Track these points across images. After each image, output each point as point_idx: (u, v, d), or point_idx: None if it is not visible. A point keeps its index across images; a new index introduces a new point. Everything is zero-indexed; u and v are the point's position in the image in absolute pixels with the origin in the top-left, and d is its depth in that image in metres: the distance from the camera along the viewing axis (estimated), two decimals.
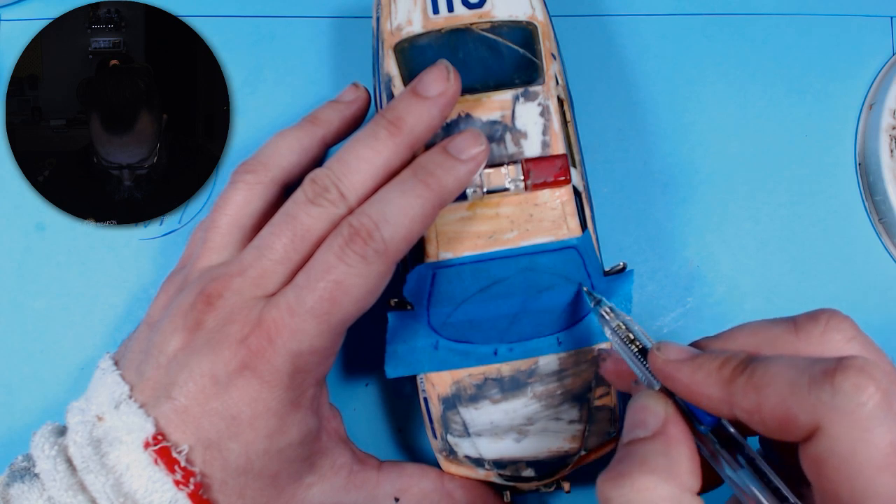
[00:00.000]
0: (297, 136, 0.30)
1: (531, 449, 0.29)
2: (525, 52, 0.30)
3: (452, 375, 0.29)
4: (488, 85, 0.29)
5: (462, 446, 0.29)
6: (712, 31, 0.38)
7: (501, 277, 0.29)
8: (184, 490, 0.24)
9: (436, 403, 0.29)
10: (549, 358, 0.29)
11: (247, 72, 0.37)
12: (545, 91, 0.29)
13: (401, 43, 0.30)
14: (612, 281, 0.29)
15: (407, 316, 0.29)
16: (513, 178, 0.28)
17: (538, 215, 0.29)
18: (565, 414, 0.29)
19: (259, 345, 0.25)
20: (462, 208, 0.29)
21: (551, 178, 0.28)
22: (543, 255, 0.28)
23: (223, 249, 0.28)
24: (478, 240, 0.29)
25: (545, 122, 0.29)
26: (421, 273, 0.29)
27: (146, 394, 0.26)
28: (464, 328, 0.29)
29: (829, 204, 0.36)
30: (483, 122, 0.29)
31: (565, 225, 0.29)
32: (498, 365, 0.29)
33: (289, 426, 0.26)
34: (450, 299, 0.29)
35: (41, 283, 0.35)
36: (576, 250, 0.29)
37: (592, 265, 0.29)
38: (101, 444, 0.25)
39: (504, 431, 0.29)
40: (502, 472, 0.29)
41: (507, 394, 0.29)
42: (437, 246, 0.29)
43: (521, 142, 0.29)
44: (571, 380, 0.29)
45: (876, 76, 0.37)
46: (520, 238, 0.29)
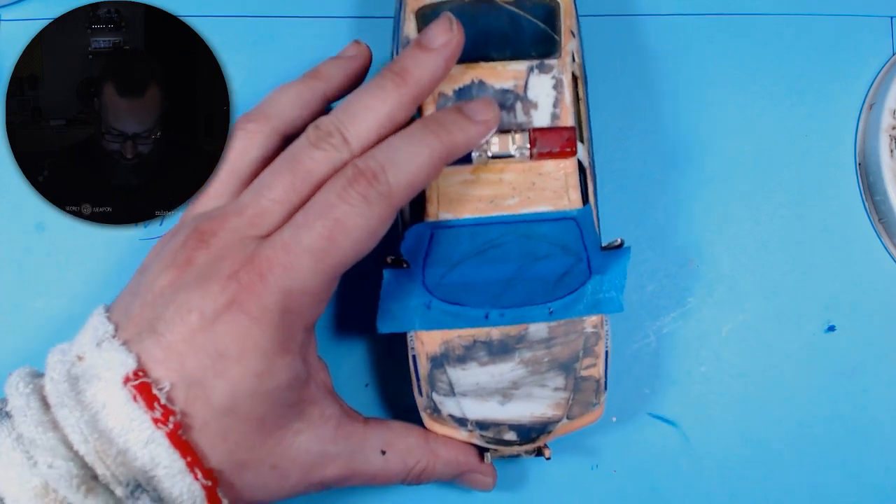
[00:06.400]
0: (299, 90, 0.30)
1: (515, 413, 0.30)
2: (545, 26, 0.30)
3: (442, 335, 0.29)
4: (504, 55, 0.30)
5: (447, 405, 0.30)
6: (712, 32, 0.38)
7: (499, 242, 0.29)
8: (162, 429, 0.23)
9: (424, 362, 0.30)
10: (539, 326, 0.29)
11: (247, 72, 0.37)
12: (560, 65, 0.30)
13: (423, 8, 0.30)
14: (608, 256, 0.30)
15: (402, 274, 0.29)
16: (519, 145, 0.29)
17: (541, 184, 0.29)
18: (551, 381, 0.29)
19: (250, 280, 0.24)
20: (466, 171, 0.29)
21: (557, 149, 0.29)
22: (542, 224, 0.29)
23: (219, 197, 0.28)
24: (479, 203, 0.29)
25: (557, 94, 0.29)
26: (419, 231, 0.29)
27: (130, 331, 0.25)
28: (457, 290, 0.29)
29: (829, 204, 0.36)
30: (496, 89, 0.29)
31: (567, 196, 0.29)
32: (488, 328, 0.29)
33: (277, 368, 0.25)
34: (446, 260, 0.29)
35: (41, 283, 0.35)
36: (575, 222, 0.29)
37: (590, 238, 0.29)
38: (78, 381, 0.24)
39: (489, 394, 0.30)
40: (484, 434, 0.30)
41: (495, 357, 0.29)
42: (437, 206, 0.29)
43: (532, 112, 0.29)
44: (560, 348, 0.29)
45: (876, 76, 0.37)
46: (520, 205, 0.29)
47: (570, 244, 0.29)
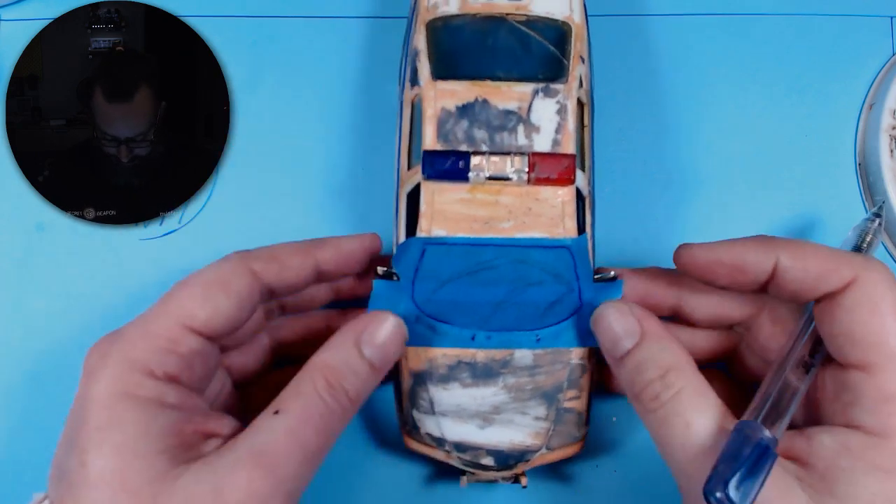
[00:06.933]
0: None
1: (494, 438, 0.29)
2: (555, 49, 0.30)
3: (427, 352, 0.29)
4: (511, 75, 0.29)
5: (426, 423, 0.30)
6: (712, 32, 0.38)
7: (491, 265, 0.29)
8: None
9: (406, 377, 0.29)
10: (525, 352, 0.29)
11: (247, 72, 0.37)
12: (566, 90, 0.29)
13: (434, 20, 0.30)
14: (600, 288, 0.29)
15: (392, 286, 0.29)
16: (517, 168, 0.28)
17: (537, 210, 0.29)
18: (532, 410, 0.29)
19: None
20: (463, 190, 0.29)
21: (555, 176, 0.28)
22: (536, 250, 0.29)
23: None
24: (473, 223, 0.29)
25: (560, 120, 0.29)
26: (412, 245, 0.29)
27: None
28: (446, 308, 0.29)
29: (829, 204, 0.36)
30: (499, 109, 0.29)
31: (562, 224, 0.29)
32: (474, 350, 0.29)
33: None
34: (436, 276, 0.29)
35: (41, 283, 0.35)
36: (568, 251, 0.29)
37: (583, 269, 0.29)
38: None
39: (469, 416, 0.29)
40: (462, 456, 0.30)
41: (478, 380, 0.29)
42: (431, 221, 0.29)
43: (533, 136, 0.29)
44: (544, 377, 0.29)
45: (876, 76, 0.37)
46: (515, 229, 0.29)
47: (563, 273, 0.29)
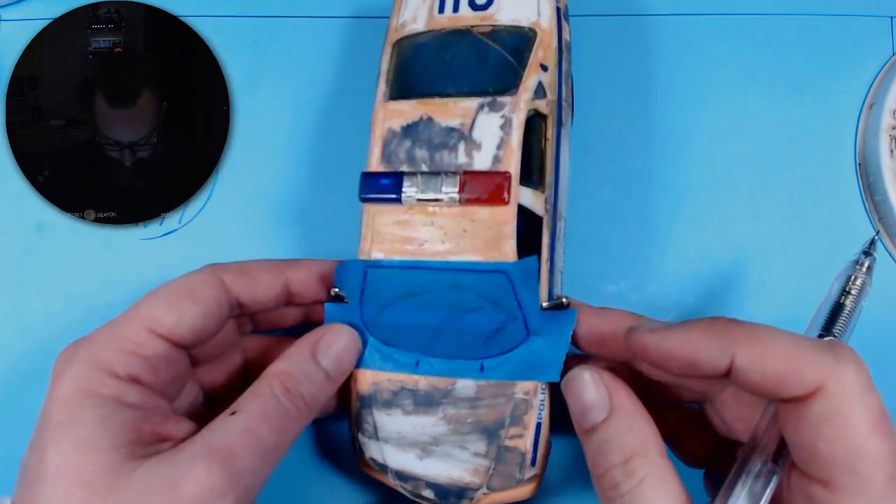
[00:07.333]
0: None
1: (432, 470, 0.28)
2: (512, 59, 0.28)
3: (373, 376, 0.28)
4: (461, 90, 0.28)
5: (370, 448, 0.29)
6: (712, 32, 0.38)
7: (426, 289, 0.28)
8: None
9: (354, 400, 0.29)
10: (468, 382, 0.27)
11: (247, 72, 0.37)
12: (513, 103, 0.27)
13: (400, 40, 0.30)
14: (550, 317, 0.27)
15: (342, 309, 0.29)
16: (447, 189, 0.27)
17: (472, 232, 0.27)
18: (471, 445, 0.28)
19: None
20: (401, 211, 0.28)
21: (485, 196, 0.27)
22: (470, 275, 0.27)
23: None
24: (409, 245, 0.28)
25: (503, 135, 0.27)
26: (349, 268, 0.28)
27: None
28: (390, 332, 0.28)
29: (829, 204, 0.36)
30: (442, 126, 0.28)
31: (498, 248, 0.27)
32: (417, 377, 0.28)
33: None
34: (378, 300, 0.28)
35: (41, 283, 0.35)
36: (506, 276, 0.27)
37: (526, 295, 0.27)
38: None
39: (409, 445, 0.28)
40: (404, 486, 0.29)
41: (419, 408, 0.28)
42: (370, 243, 0.28)
43: (474, 153, 0.27)
44: (485, 411, 0.27)
45: (876, 76, 0.37)
46: (449, 252, 0.27)
47: (501, 299, 0.27)
